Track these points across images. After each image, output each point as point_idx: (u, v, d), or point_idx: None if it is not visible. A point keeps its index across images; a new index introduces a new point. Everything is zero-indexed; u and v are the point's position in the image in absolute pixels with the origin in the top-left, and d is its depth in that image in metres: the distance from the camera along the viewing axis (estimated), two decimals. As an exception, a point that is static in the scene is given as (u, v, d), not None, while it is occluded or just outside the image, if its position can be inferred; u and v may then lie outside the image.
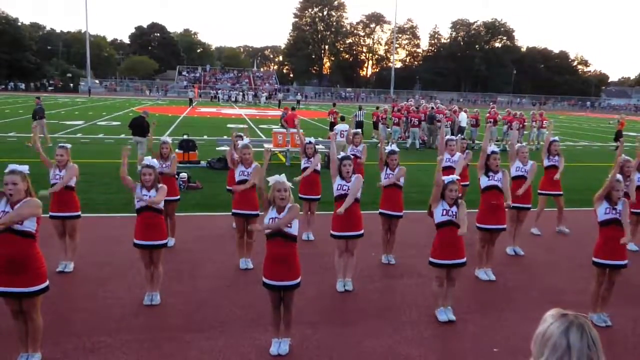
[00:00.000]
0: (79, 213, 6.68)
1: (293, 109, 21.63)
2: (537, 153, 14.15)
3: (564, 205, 9.15)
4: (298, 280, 4.65)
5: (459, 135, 9.87)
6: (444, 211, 5.37)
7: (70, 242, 6.63)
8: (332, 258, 6.43)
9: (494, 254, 7.00)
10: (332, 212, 6.23)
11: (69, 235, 6.59)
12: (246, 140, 7.43)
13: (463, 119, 21.81)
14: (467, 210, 5.40)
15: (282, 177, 4.64)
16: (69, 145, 6.60)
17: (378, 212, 7.28)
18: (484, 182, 6.84)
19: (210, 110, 43.10)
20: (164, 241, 5.73)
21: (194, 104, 47.98)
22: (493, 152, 6.83)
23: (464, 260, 5.48)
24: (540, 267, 7.47)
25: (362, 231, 6.25)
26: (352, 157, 6.41)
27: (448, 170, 7.87)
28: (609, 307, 5.69)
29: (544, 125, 21.92)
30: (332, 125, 24.01)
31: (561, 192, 8.92)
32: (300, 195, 8.11)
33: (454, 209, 5.36)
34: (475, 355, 4.91)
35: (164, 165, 7.40)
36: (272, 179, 4.66)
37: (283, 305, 4.77)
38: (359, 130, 10.28)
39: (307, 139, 8.47)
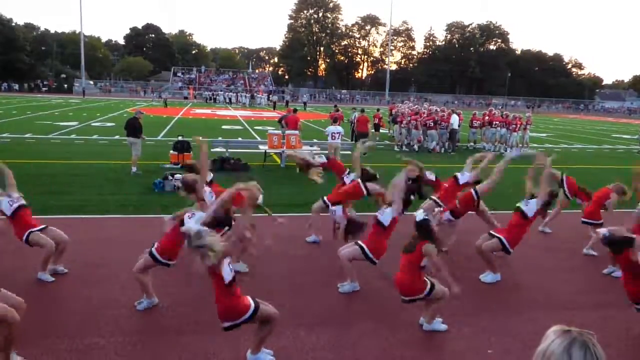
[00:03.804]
0: None
1: (295, 110, 21.19)
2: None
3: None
4: None
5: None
6: None
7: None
8: (329, 261, 6.41)
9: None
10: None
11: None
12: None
13: (455, 121, 21.76)
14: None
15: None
16: None
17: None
18: None
19: (205, 111, 43.01)
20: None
21: (189, 106, 47.70)
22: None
23: None
24: (536, 269, 7.47)
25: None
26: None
27: None
28: (608, 309, 5.70)
29: (517, 129, 22.02)
30: (377, 127, 23.90)
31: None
32: None
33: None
34: (470, 357, 4.90)
35: None
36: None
37: None
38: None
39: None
